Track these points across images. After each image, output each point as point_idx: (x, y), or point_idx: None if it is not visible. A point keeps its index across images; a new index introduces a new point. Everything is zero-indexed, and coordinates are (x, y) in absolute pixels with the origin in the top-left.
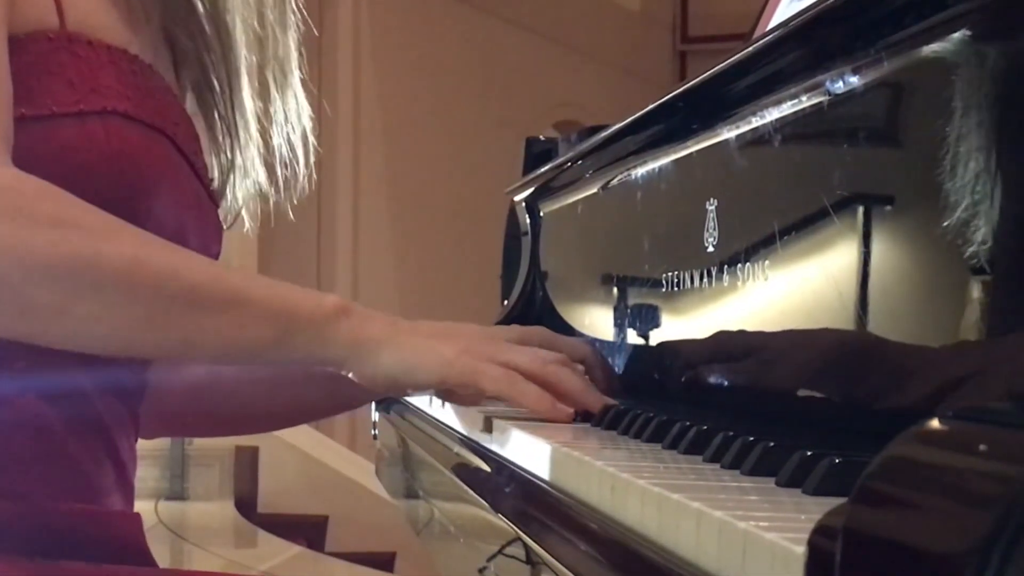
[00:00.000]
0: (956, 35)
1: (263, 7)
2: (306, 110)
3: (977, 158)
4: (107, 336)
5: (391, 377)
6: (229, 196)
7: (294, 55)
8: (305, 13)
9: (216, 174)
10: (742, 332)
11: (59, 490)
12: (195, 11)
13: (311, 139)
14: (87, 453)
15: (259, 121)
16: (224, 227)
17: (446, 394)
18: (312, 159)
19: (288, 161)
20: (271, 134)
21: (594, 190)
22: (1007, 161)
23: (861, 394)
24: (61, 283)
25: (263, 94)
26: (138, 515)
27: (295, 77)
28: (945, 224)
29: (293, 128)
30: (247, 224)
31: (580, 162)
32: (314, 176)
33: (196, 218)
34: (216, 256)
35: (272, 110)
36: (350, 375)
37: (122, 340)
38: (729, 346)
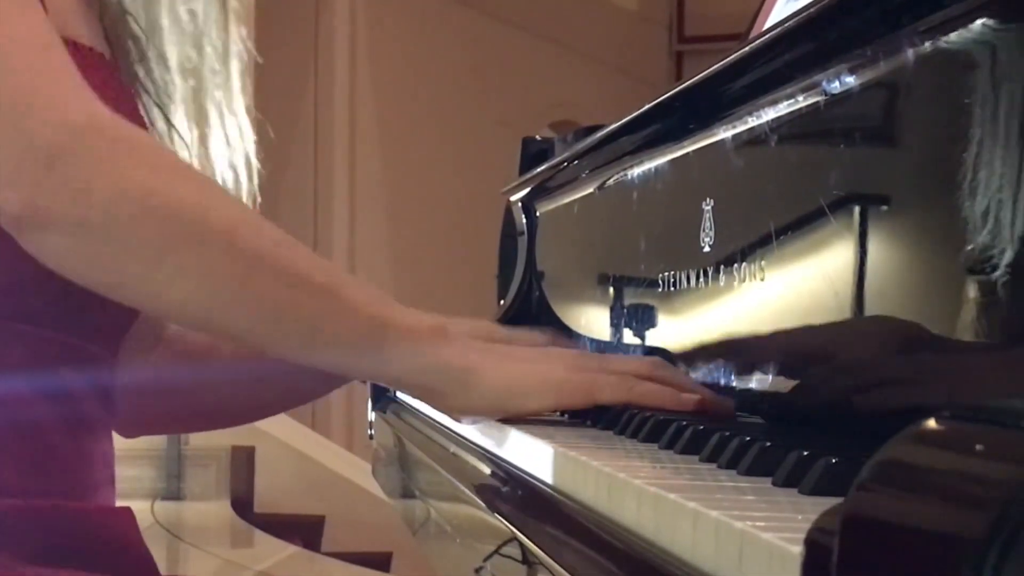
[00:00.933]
0: (952, 35)
1: (202, 39)
2: (249, 135)
3: (974, 158)
4: (194, 294)
5: (495, 406)
6: None
7: (237, 84)
8: (250, 44)
9: None
10: (738, 333)
11: (49, 487)
12: (139, 41)
13: (254, 162)
14: (76, 450)
15: (198, 146)
16: None
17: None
18: (256, 180)
19: (232, 184)
20: (211, 158)
21: (590, 190)
22: (1004, 161)
23: (858, 394)
24: (166, 226)
25: (200, 121)
26: (129, 509)
27: (238, 104)
28: (941, 224)
29: (235, 152)
30: None
31: (576, 162)
32: (258, 197)
33: None
34: None
35: (210, 135)
36: (434, 403)
37: (208, 302)
38: (726, 347)
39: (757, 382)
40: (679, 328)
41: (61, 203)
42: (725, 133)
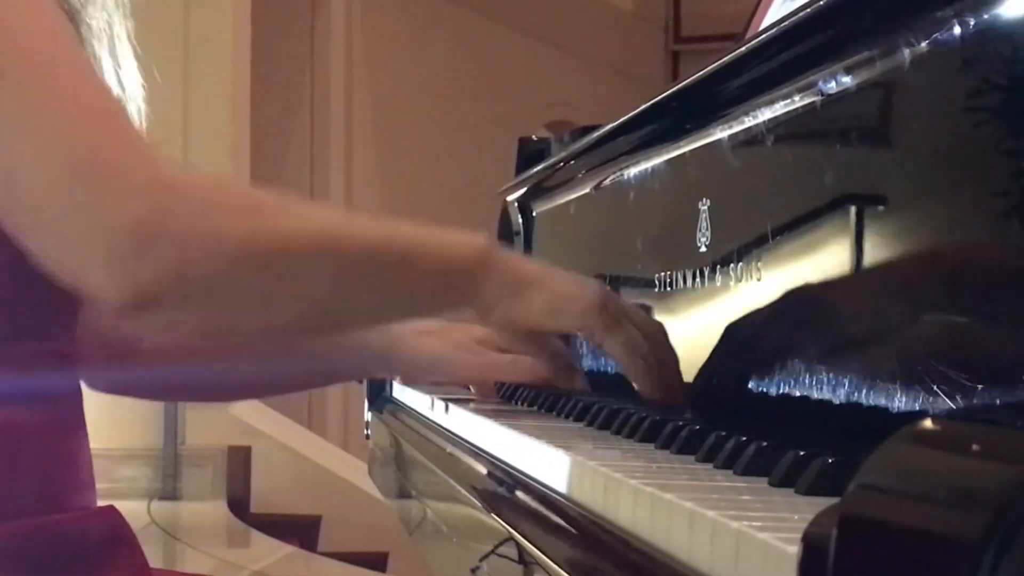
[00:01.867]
0: (948, 35)
1: None
2: (139, 78)
3: (970, 158)
4: (307, 312)
5: (536, 320)
6: None
7: (124, 30)
8: None
9: None
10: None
11: (31, 497)
12: None
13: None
14: (57, 453)
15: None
16: None
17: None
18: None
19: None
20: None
21: (587, 190)
22: (999, 161)
23: (854, 394)
24: (268, 267)
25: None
26: (112, 507)
27: (127, 48)
28: (937, 224)
29: (129, 92)
30: None
31: (573, 162)
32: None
33: None
34: None
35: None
36: (487, 321)
37: (321, 314)
38: (722, 346)
39: (754, 381)
40: (676, 328)
41: (161, 282)
42: (721, 133)
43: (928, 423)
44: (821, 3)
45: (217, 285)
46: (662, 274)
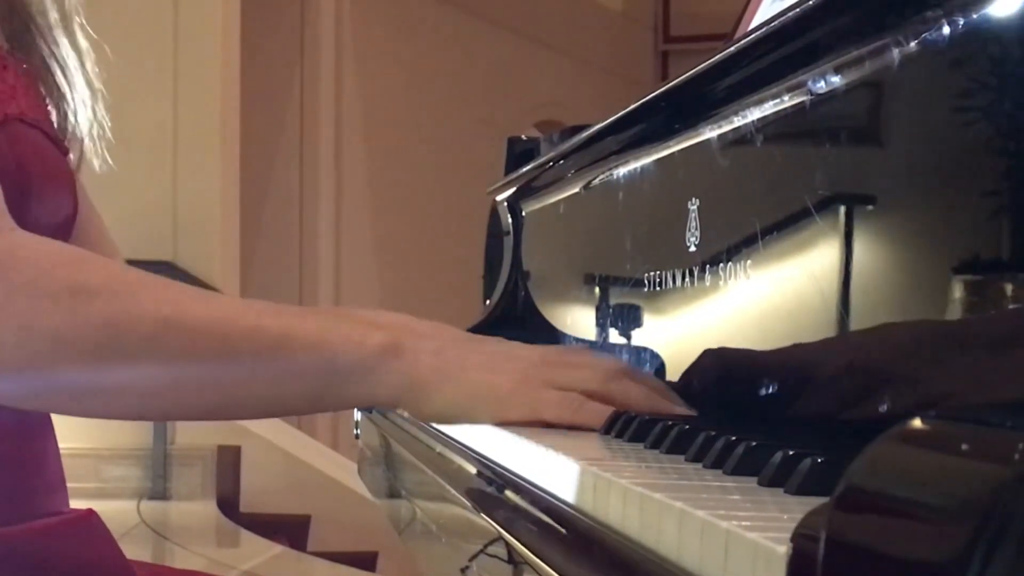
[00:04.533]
0: (938, 34)
1: None
2: (90, 55)
3: (960, 158)
4: (142, 405)
5: (448, 417)
6: (86, 143)
7: (75, 9)
8: None
9: (60, 121)
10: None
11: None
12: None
13: (97, 84)
14: (27, 452)
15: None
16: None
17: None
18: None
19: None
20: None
21: (576, 190)
22: (990, 160)
23: (843, 394)
24: (89, 355)
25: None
26: (92, 511)
27: (76, 23)
28: (927, 224)
29: (89, 78)
30: (96, 166)
31: (562, 162)
32: (107, 122)
33: (68, 195)
34: (74, 214)
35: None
36: (399, 409)
37: (157, 408)
38: (714, 356)
39: (743, 381)
40: (665, 328)
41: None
42: (711, 133)
43: (917, 423)
44: (810, 3)
45: (32, 373)
46: (651, 274)
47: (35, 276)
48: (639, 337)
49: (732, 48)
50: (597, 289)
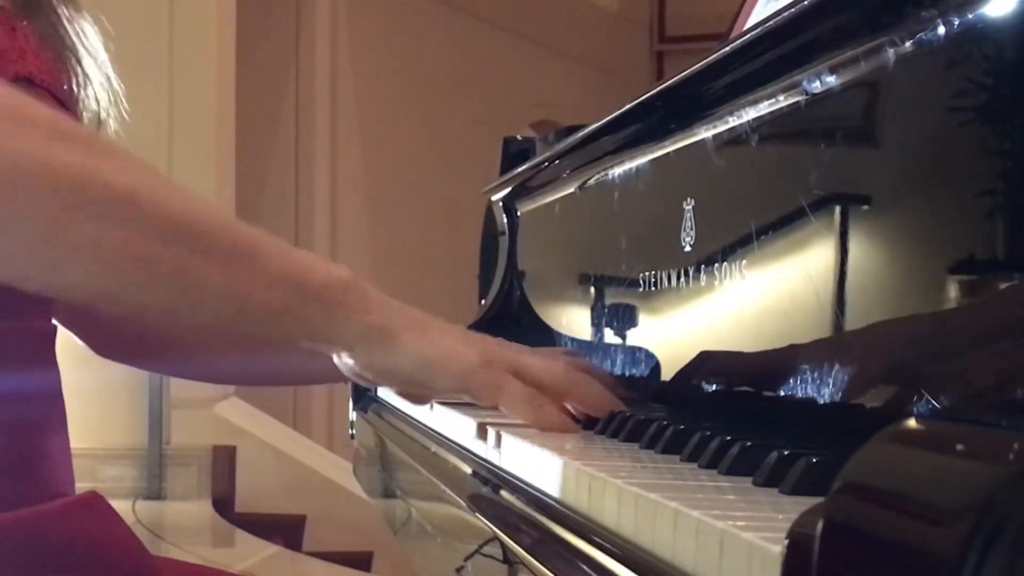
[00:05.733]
0: (933, 34)
1: None
2: (98, 37)
3: (954, 158)
4: (96, 269)
5: (405, 374)
6: (98, 108)
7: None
8: None
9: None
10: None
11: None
12: None
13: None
14: (32, 448)
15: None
16: None
17: (410, 395)
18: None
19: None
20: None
21: (571, 190)
22: (984, 160)
23: (839, 393)
24: (59, 196)
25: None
26: (95, 492)
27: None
28: (922, 224)
29: (95, 53)
30: (112, 131)
31: (557, 162)
32: (125, 104)
33: None
34: None
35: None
36: (351, 363)
37: (111, 277)
38: (706, 346)
39: (738, 381)
40: (660, 328)
41: None
42: (706, 133)
43: (912, 423)
44: (805, 3)
45: None
46: (647, 274)
47: (19, 105)
48: (634, 337)
49: (727, 48)
50: (592, 289)
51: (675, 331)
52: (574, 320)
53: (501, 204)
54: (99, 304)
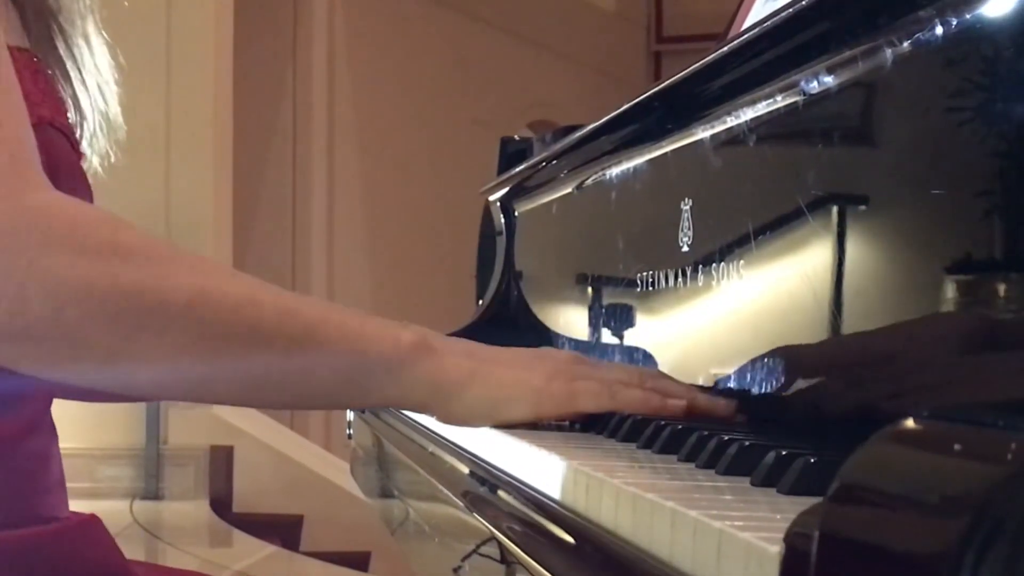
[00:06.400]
0: (930, 35)
1: None
2: (107, 57)
3: (952, 158)
4: (163, 379)
5: (480, 416)
6: (85, 146)
7: (90, 10)
8: None
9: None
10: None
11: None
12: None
13: (115, 88)
14: (27, 453)
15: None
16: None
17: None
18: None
19: (103, 108)
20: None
21: (569, 190)
22: (982, 160)
23: (836, 394)
24: (119, 319)
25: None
26: (95, 517)
27: (93, 27)
28: (919, 224)
29: (104, 77)
30: (96, 167)
31: (555, 162)
32: (122, 125)
33: (88, 200)
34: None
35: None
36: (427, 414)
37: (177, 383)
38: (704, 347)
39: (735, 381)
40: (657, 328)
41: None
42: (703, 133)
43: (910, 422)
44: (803, 3)
45: (56, 326)
46: (644, 274)
47: (73, 231)
48: (632, 337)
49: (725, 48)
50: (590, 289)
51: (673, 331)
52: (572, 320)
53: (499, 204)
54: (173, 401)
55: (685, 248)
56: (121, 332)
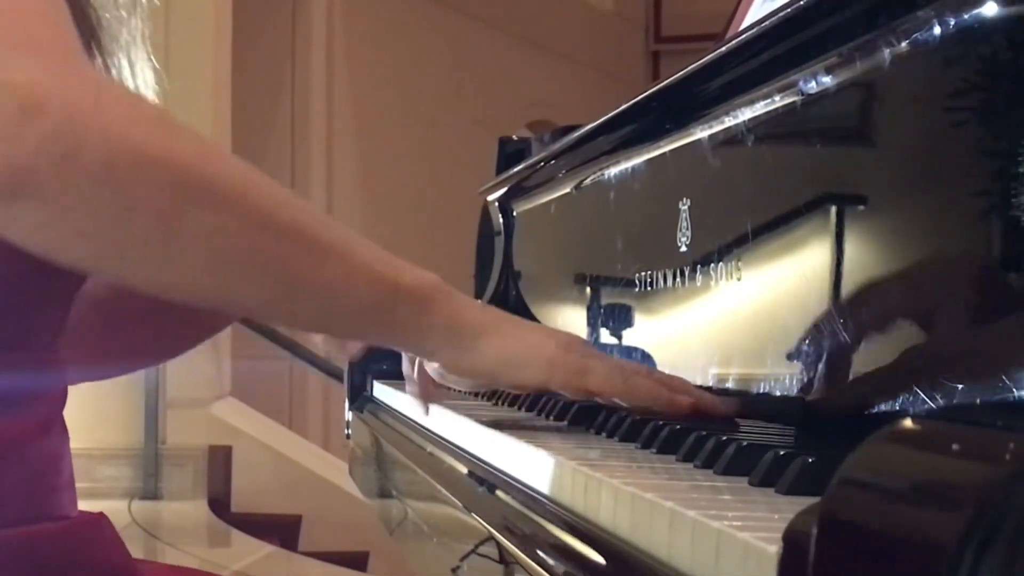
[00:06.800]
0: (928, 35)
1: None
2: (152, 81)
3: (950, 158)
4: (205, 264)
5: (489, 371)
6: None
7: (140, 33)
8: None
9: None
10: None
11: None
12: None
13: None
14: (40, 451)
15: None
16: None
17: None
18: None
19: None
20: None
21: (567, 190)
22: (978, 161)
23: (834, 393)
24: (171, 188)
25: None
26: (102, 514)
27: (142, 51)
28: (917, 223)
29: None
30: None
31: (553, 162)
32: None
33: None
34: None
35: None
36: (436, 364)
37: (218, 272)
38: (702, 346)
39: (733, 381)
40: (656, 328)
41: (44, 164)
42: (702, 133)
43: (908, 422)
44: (801, 3)
45: (106, 189)
46: (643, 274)
47: (127, 99)
48: (630, 337)
49: (723, 48)
50: (588, 289)
51: (671, 331)
52: (570, 320)
53: (497, 204)
54: (196, 302)
55: (683, 248)
56: (171, 199)
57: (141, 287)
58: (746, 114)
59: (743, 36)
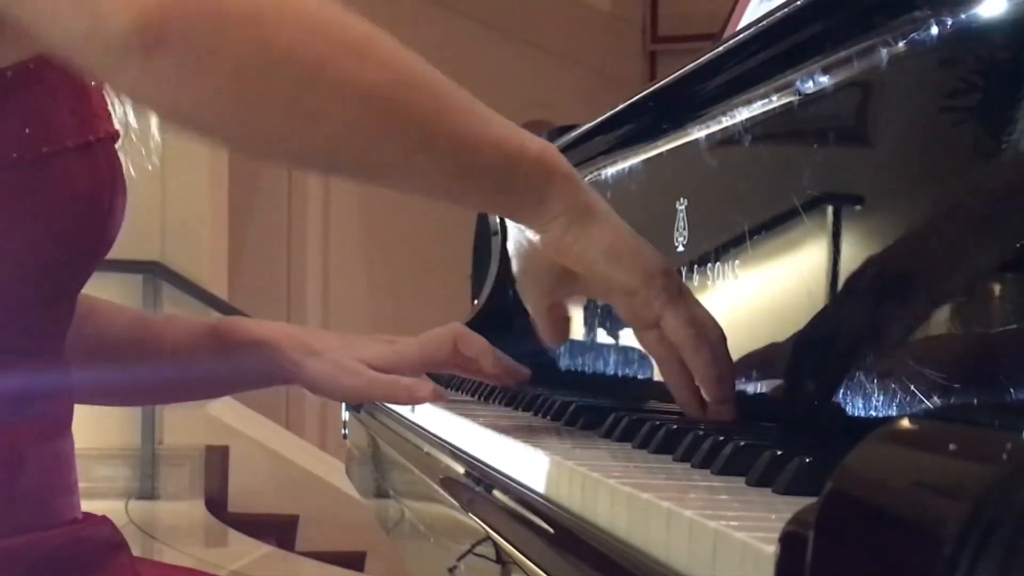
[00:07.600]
0: (925, 35)
1: None
2: None
3: (947, 158)
4: (348, 120)
5: (591, 258)
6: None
7: None
8: None
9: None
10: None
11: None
12: None
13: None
14: (46, 454)
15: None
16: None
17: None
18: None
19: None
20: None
21: None
22: (976, 161)
23: (831, 393)
24: (316, 35)
25: None
26: (105, 517)
27: None
28: (914, 223)
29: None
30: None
31: None
32: (157, 137)
33: (124, 208)
34: (123, 212)
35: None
36: (537, 238)
37: (362, 130)
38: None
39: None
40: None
41: (190, 12)
42: (699, 133)
43: (905, 422)
44: (798, 3)
45: (249, 39)
46: None
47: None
48: (627, 337)
49: (720, 48)
50: None
51: None
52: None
53: None
54: (330, 166)
55: (680, 248)
56: (314, 53)
57: (276, 154)
58: (743, 114)
59: (740, 36)
